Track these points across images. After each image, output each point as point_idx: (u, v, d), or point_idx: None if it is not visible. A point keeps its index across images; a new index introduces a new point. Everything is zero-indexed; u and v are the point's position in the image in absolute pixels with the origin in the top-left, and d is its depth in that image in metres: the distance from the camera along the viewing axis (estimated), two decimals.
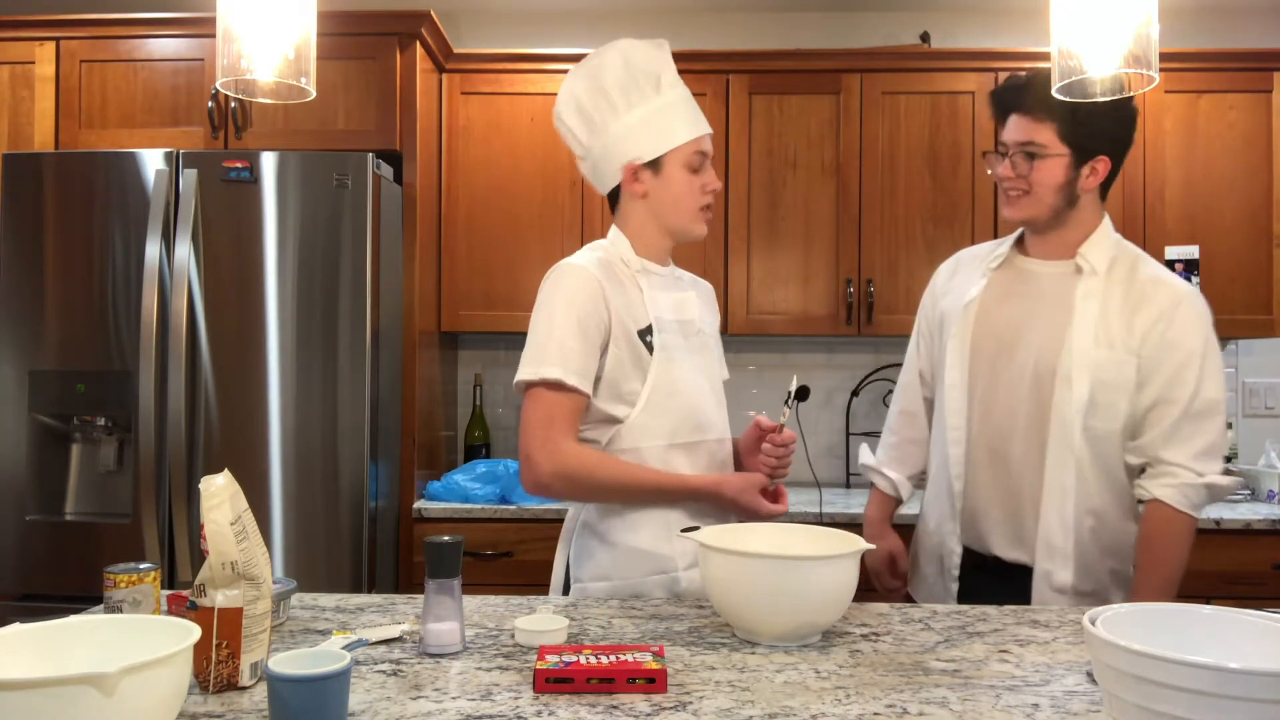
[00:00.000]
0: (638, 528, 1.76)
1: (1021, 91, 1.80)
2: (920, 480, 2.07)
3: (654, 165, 1.78)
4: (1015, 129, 1.81)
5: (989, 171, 1.89)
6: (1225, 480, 1.76)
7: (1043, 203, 1.82)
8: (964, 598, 1.88)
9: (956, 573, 1.89)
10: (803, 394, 1.80)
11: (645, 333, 1.76)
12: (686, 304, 1.86)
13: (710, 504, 1.77)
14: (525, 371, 1.70)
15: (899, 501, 2.08)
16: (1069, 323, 1.79)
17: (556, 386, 1.68)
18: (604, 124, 1.79)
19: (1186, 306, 1.78)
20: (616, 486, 1.72)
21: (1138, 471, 1.81)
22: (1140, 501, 1.81)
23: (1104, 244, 1.85)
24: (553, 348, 1.68)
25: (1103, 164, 1.80)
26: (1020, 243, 1.94)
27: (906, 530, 2.05)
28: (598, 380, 1.73)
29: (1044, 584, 1.80)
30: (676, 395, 1.77)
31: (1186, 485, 1.74)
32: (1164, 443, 1.76)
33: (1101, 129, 1.78)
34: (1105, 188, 1.86)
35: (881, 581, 2.04)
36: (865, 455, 2.14)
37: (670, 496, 1.75)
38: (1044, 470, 1.80)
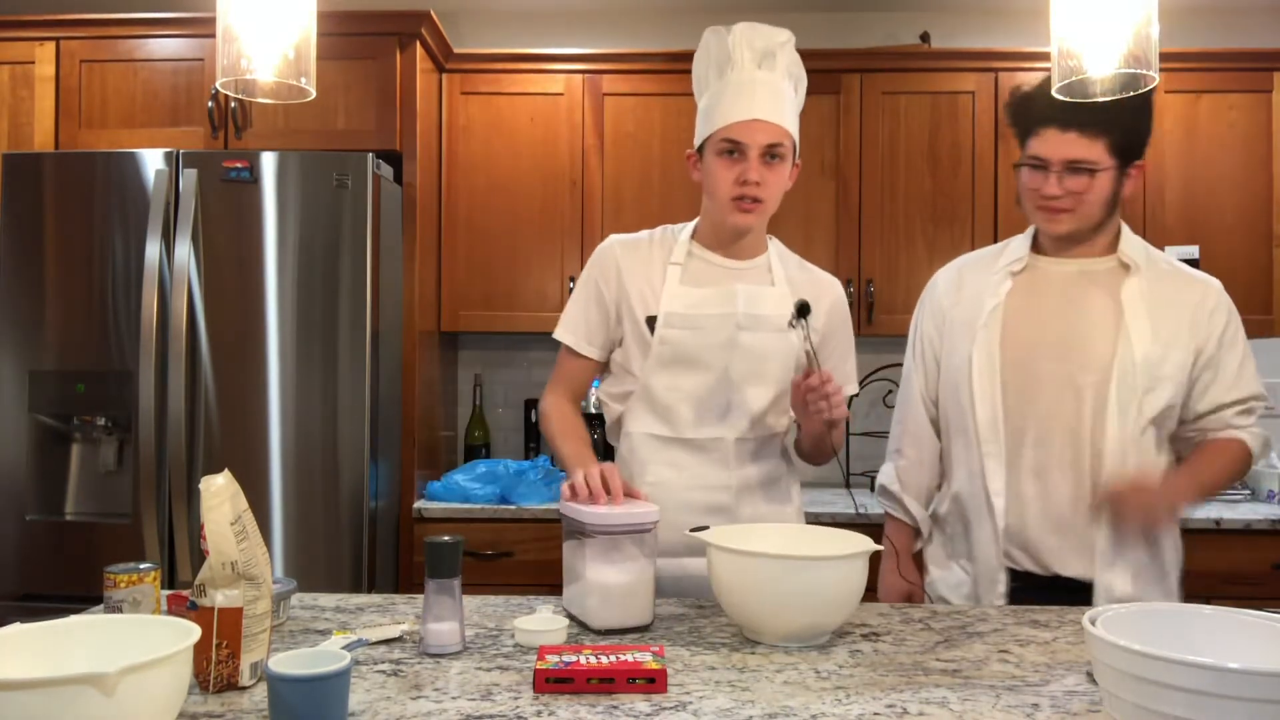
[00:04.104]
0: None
1: (1071, 107, 1.63)
2: (928, 502, 1.97)
3: (700, 152, 1.81)
4: (1061, 145, 1.72)
5: (1022, 184, 1.80)
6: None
7: (1091, 218, 1.77)
8: None
9: (1001, 597, 1.78)
10: (803, 310, 1.70)
11: (651, 320, 1.78)
12: (726, 299, 1.77)
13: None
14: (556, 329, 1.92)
15: (918, 532, 1.96)
16: (1118, 323, 1.74)
17: (563, 345, 1.87)
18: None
19: (1228, 304, 1.82)
20: (550, 438, 1.85)
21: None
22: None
23: (1133, 240, 1.83)
24: (567, 310, 1.88)
25: (1138, 168, 1.77)
26: (1035, 243, 1.86)
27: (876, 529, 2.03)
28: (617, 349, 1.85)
29: (1105, 597, 1.71)
30: (655, 393, 1.79)
31: (1259, 432, 1.83)
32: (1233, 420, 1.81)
33: (1142, 133, 1.75)
34: None
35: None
36: (887, 476, 1.99)
37: (563, 463, 1.80)
38: (1094, 475, 1.72)
